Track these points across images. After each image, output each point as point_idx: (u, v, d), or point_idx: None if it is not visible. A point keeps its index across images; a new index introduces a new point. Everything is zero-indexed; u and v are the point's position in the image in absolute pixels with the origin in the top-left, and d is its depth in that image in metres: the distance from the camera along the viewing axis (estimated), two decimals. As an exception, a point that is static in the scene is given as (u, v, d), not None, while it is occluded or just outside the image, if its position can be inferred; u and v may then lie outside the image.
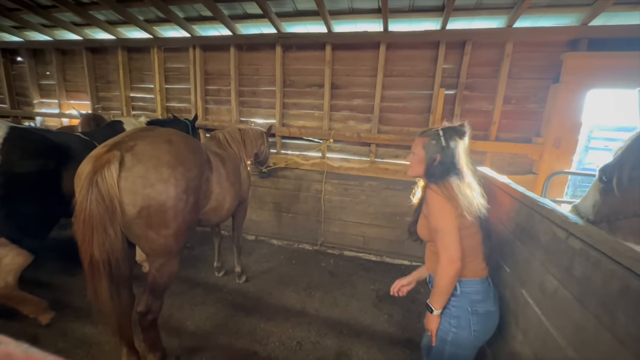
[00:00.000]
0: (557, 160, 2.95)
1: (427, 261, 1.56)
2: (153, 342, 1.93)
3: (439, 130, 1.40)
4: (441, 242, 1.29)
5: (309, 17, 3.35)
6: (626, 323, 0.82)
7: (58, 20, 3.93)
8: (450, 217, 1.28)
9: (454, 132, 1.38)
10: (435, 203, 1.32)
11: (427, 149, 1.41)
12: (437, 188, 1.33)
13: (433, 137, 1.40)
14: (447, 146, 1.36)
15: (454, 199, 1.29)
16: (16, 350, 0.23)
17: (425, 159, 1.41)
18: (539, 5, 2.77)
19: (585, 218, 1.35)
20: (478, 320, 1.34)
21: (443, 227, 1.29)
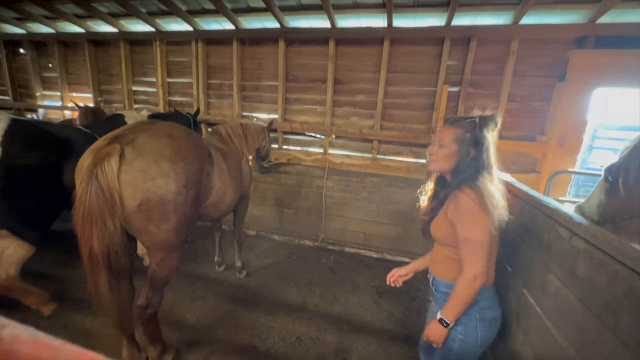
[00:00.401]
0: (561, 159, 2.92)
1: (435, 264, 1.44)
2: (153, 335, 1.94)
3: (475, 119, 1.23)
4: (470, 254, 1.19)
5: (313, 12, 3.31)
6: (629, 324, 0.81)
7: (60, 12, 3.90)
8: (485, 229, 1.16)
9: (490, 122, 1.22)
10: (470, 212, 1.17)
11: (461, 142, 1.24)
12: (471, 193, 1.18)
13: (468, 129, 1.23)
14: (483, 140, 1.21)
15: (489, 209, 1.15)
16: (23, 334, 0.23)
17: (458, 153, 1.25)
18: (545, 1, 2.72)
19: (590, 218, 1.33)
20: (484, 327, 1.28)
21: (476, 238, 1.17)
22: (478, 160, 1.22)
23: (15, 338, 0.23)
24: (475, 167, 1.22)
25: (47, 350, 0.23)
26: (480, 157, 1.22)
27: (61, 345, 0.24)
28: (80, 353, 0.24)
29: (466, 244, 1.20)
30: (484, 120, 1.23)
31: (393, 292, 3.04)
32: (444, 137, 1.29)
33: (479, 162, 1.22)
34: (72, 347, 0.24)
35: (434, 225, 1.37)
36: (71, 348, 0.24)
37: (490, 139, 1.22)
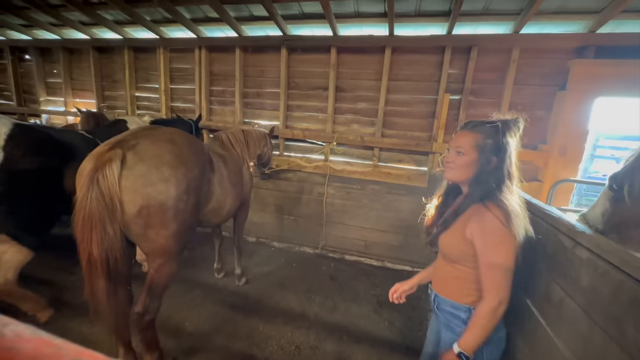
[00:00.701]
0: (562, 168, 2.91)
1: (439, 281, 1.33)
2: (150, 343, 1.91)
3: (497, 123, 1.13)
4: (494, 280, 1.08)
5: (315, 20, 3.35)
6: (635, 336, 0.79)
7: (66, 19, 3.97)
8: (512, 253, 1.07)
9: (513, 127, 1.13)
10: (499, 234, 1.07)
11: (482, 149, 1.13)
12: (498, 212, 1.07)
13: (490, 134, 1.13)
14: (506, 147, 1.11)
15: (517, 231, 1.07)
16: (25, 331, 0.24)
17: (478, 162, 1.14)
18: (546, 11, 2.75)
19: (594, 227, 1.31)
20: (492, 349, 1.21)
21: (504, 264, 1.07)
22: (500, 170, 1.12)
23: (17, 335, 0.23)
24: (497, 177, 1.11)
25: (48, 347, 0.23)
26: (502, 167, 1.11)
27: (62, 343, 0.24)
28: (81, 351, 0.24)
29: (492, 270, 1.08)
30: (507, 124, 1.13)
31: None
32: (463, 143, 1.17)
33: (501, 172, 1.12)
34: (72, 345, 0.24)
35: (446, 240, 1.24)
36: (72, 346, 0.24)
37: (513, 146, 1.13)
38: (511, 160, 1.13)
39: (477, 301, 1.15)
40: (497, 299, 1.07)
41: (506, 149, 1.11)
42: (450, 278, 1.26)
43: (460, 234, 1.16)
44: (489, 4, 2.76)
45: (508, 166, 1.12)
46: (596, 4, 2.59)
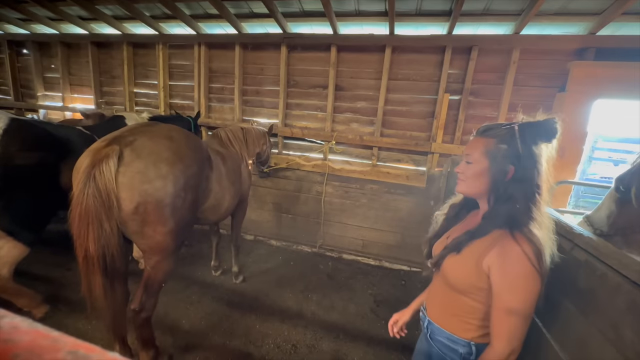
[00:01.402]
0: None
1: (436, 307, 1.16)
2: (146, 340, 1.91)
3: (514, 125, 0.95)
4: (509, 327, 0.91)
5: (315, 18, 3.34)
6: (632, 339, 0.79)
7: (65, 13, 3.93)
8: (535, 298, 0.89)
9: (539, 130, 0.93)
10: (525, 275, 0.88)
11: (493, 156, 0.96)
12: (529, 247, 0.88)
13: (504, 139, 0.95)
14: (528, 153, 0.92)
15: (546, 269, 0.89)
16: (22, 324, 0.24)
17: (490, 172, 0.97)
18: (546, 13, 2.75)
19: (599, 230, 1.29)
20: None
21: (523, 311, 0.89)
22: (523, 184, 0.92)
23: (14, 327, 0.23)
24: (521, 193, 0.92)
25: (45, 339, 0.23)
26: (525, 179, 0.92)
27: (59, 335, 0.24)
28: (79, 344, 0.24)
29: (509, 316, 0.90)
30: (527, 128, 0.93)
31: (391, 300, 3.01)
32: (473, 150, 1.00)
33: (524, 185, 0.92)
34: (70, 338, 0.24)
35: (455, 266, 1.03)
36: (69, 339, 0.24)
37: (541, 153, 0.93)
38: (539, 172, 0.91)
39: (481, 337, 1.01)
40: (509, 348, 0.90)
41: (529, 155, 0.91)
42: (450, 307, 1.08)
43: (475, 262, 0.96)
44: (489, 4, 2.76)
45: (533, 179, 0.91)
46: (597, 5, 2.60)
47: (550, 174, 0.94)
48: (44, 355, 0.22)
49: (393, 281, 3.39)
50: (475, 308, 1.01)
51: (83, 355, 0.23)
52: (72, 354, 0.22)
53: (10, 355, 0.21)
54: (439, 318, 1.13)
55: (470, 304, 1.01)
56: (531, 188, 0.92)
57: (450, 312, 1.08)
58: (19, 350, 0.21)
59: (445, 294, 1.10)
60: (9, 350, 0.21)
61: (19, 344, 0.22)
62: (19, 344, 0.22)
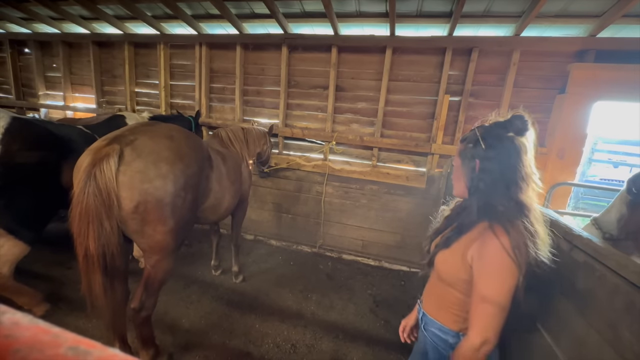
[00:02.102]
0: (560, 172, 2.92)
1: (430, 300, 1.21)
2: (146, 339, 1.91)
3: (475, 128, 1.05)
4: (484, 316, 0.94)
5: (316, 19, 3.35)
6: (631, 340, 0.80)
7: (66, 13, 3.94)
8: (510, 289, 0.92)
9: (502, 127, 1.00)
10: (498, 263, 0.92)
11: (463, 155, 1.05)
12: (506, 238, 0.92)
13: (470, 139, 1.04)
14: (493, 147, 0.99)
15: (522, 259, 0.91)
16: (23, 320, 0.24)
17: (463, 169, 1.06)
18: (547, 15, 2.76)
19: (608, 234, 1.25)
20: None
21: (496, 300, 0.92)
22: (489, 173, 0.98)
23: (15, 323, 0.23)
24: (492, 183, 0.98)
25: (46, 335, 0.23)
26: (490, 169, 0.98)
27: (60, 331, 0.24)
28: (79, 339, 0.24)
29: (483, 304, 0.94)
30: (489, 127, 1.03)
31: (390, 300, 3.02)
32: (455, 155, 1.12)
33: (492, 175, 0.98)
34: (70, 334, 0.24)
35: (443, 260, 1.10)
36: (70, 335, 0.24)
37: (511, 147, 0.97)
38: (509, 164, 0.97)
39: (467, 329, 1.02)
40: (481, 337, 0.93)
41: (492, 149, 0.98)
42: (441, 300, 1.14)
43: (461, 256, 1.02)
44: (490, 6, 2.77)
45: (502, 170, 0.97)
46: (597, 7, 2.60)
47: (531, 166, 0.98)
48: (45, 350, 0.22)
49: (392, 281, 3.39)
50: (462, 300, 1.06)
51: (84, 351, 0.23)
52: (72, 349, 0.23)
53: (11, 350, 0.21)
54: (432, 310, 1.18)
55: (458, 296, 1.07)
56: (502, 178, 0.97)
57: (442, 305, 1.14)
58: (20, 346, 0.21)
59: (437, 287, 1.16)
60: (10, 345, 0.21)
61: (19, 340, 0.22)
62: (19, 340, 0.22)
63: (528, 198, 0.98)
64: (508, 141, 0.98)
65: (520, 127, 0.98)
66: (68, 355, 0.22)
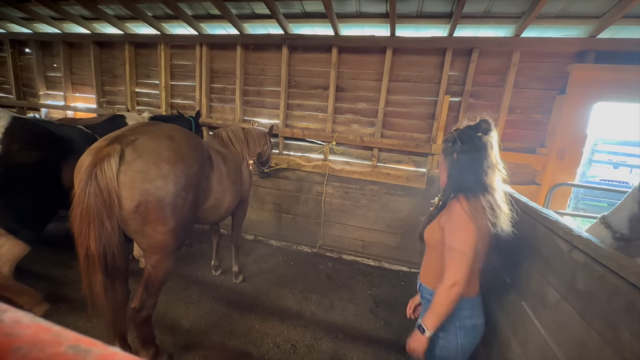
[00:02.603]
0: (560, 172, 2.92)
1: (423, 270, 1.45)
2: (146, 339, 1.91)
3: (452, 130, 1.32)
4: (452, 262, 1.19)
5: (317, 20, 3.35)
6: (630, 340, 0.80)
7: (67, 13, 3.95)
8: (471, 240, 1.16)
9: (472, 129, 1.26)
10: (459, 220, 1.19)
11: (445, 152, 1.33)
12: (465, 203, 1.20)
13: (450, 139, 1.31)
14: (466, 144, 1.24)
15: (480, 220, 1.17)
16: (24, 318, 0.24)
17: (445, 161, 1.34)
18: (547, 15, 2.76)
19: (619, 233, 1.22)
20: (464, 334, 1.30)
21: (461, 248, 1.17)
22: (463, 162, 1.24)
23: (16, 322, 0.23)
24: (464, 170, 1.24)
25: (47, 333, 0.23)
26: (464, 159, 1.24)
27: (61, 330, 0.24)
28: (80, 338, 0.24)
29: (451, 252, 1.20)
30: (462, 129, 1.29)
31: (390, 301, 3.01)
32: (440, 154, 1.41)
33: (465, 163, 1.24)
34: (71, 333, 0.24)
35: (428, 230, 1.38)
36: (71, 333, 0.24)
37: (479, 143, 1.22)
38: (478, 156, 1.22)
39: None
40: (452, 279, 1.17)
41: (467, 144, 1.24)
42: (430, 266, 1.40)
43: (438, 223, 1.31)
44: (490, 6, 2.77)
45: (473, 160, 1.22)
46: (597, 8, 2.60)
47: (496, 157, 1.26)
48: (46, 349, 0.22)
49: (392, 282, 3.39)
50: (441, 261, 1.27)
51: (84, 349, 0.23)
52: (73, 347, 0.23)
53: (12, 348, 0.21)
54: (425, 278, 1.43)
55: (440, 258, 1.28)
56: (474, 165, 1.23)
57: (431, 271, 1.38)
58: (21, 344, 0.22)
59: (428, 256, 1.42)
60: (10, 343, 0.21)
61: (20, 338, 0.22)
62: (20, 338, 0.22)
63: (493, 181, 1.23)
64: (477, 139, 1.23)
65: (486, 128, 1.25)
66: (69, 353, 0.22)
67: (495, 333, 1.57)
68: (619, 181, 6.26)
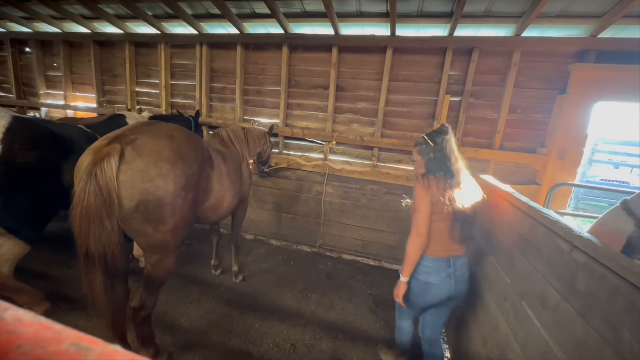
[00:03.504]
0: (561, 172, 2.92)
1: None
2: (146, 339, 1.91)
3: (424, 136, 1.78)
4: (415, 220, 1.69)
5: (317, 19, 3.35)
6: (631, 341, 0.80)
7: (67, 12, 3.95)
8: (425, 203, 1.64)
9: (437, 133, 1.74)
10: (417, 191, 1.69)
11: (421, 153, 1.77)
12: (422, 180, 1.68)
13: (423, 142, 1.77)
14: (436, 144, 1.70)
15: (431, 190, 1.64)
16: (26, 316, 0.24)
17: (423, 160, 1.77)
18: (548, 15, 2.76)
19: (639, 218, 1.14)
20: (416, 285, 1.75)
21: (418, 209, 1.67)
22: (438, 158, 1.70)
23: (18, 320, 0.23)
24: (438, 163, 1.70)
25: (49, 331, 0.23)
26: (437, 156, 1.70)
27: (62, 328, 0.24)
28: (81, 336, 0.24)
29: (414, 214, 1.70)
30: (431, 133, 1.75)
31: (390, 301, 3.01)
32: (414, 156, 1.86)
33: (438, 158, 1.70)
34: (72, 331, 0.24)
35: (412, 207, 1.81)
36: (72, 332, 0.24)
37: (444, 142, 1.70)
38: (445, 150, 1.69)
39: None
40: (416, 232, 1.68)
41: (436, 144, 1.70)
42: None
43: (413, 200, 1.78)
44: (491, 6, 2.77)
45: (442, 154, 1.69)
46: (598, 8, 2.60)
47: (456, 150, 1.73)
48: (47, 347, 0.22)
49: (392, 282, 3.38)
50: None
51: (86, 347, 0.23)
52: (74, 346, 0.23)
53: (13, 346, 0.21)
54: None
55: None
56: (443, 159, 1.69)
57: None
58: (23, 342, 0.22)
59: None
60: (12, 341, 0.21)
61: (22, 336, 0.22)
62: (22, 336, 0.22)
63: (456, 168, 1.69)
64: (443, 140, 1.70)
65: (447, 131, 1.72)
66: (70, 351, 0.22)
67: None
68: (620, 181, 6.26)
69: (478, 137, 3.35)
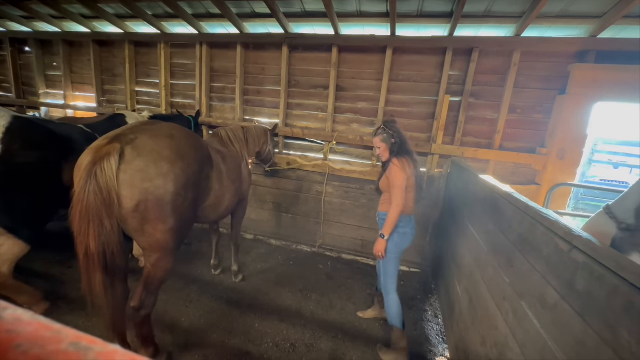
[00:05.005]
0: (560, 172, 2.92)
1: (382, 204, 2.34)
2: (145, 338, 1.91)
3: (381, 126, 2.22)
4: (395, 194, 2.11)
5: (317, 19, 3.35)
6: (629, 341, 0.80)
7: (67, 12, 3.94)
8: (402, 180, 2.09)
9: (391, 122, 2.23)
10: (395, 171, 2.11)
11: (385, 141, 2.21)
12: (397, 162, 2.12)
13: (384, 131, 2.20)
14: (394, 131, 2.18)
15: (405, 169, 2.10)
16: (24, 316, 0.24)
17: (387, 145, 2.21)
18: (548, 15, 2.76)
19: (624, 223, 1.17)
20: (397, 235, 2.20)
21: (397, 185, 2.09)
22: (398, 142, 2.18)
23: (16, 319, 0.23)
24: (400, 146, 2.18)
25: (48, 331, 0.23)
26: (398, 140, 2.18)
27: (62, 327, 0.24)
28: (80, 335, 0.24)
29: (393, 189, 2.12)
30: (386, 123, 2.23)
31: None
32: (376, 143, 2.27)
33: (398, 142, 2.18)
34: (72, 330, 0.24)
35: (381, 182, 2.30)
36: (71, 331, 0.24)
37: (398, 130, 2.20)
38: (401, 135, 2.20)
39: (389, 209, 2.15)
40: (396, 203, 2.09)
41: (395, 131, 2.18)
42: (384, 201, 2.31)
43: (386, 177, 2.22)
44: (491, 6, 2.77)
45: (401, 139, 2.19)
46: (598, 8, 2.60)
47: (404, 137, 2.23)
48: (47, 346, 0.22)
49: (392, 282, 3.38)
50: (389, 196, 2.21)
51: (85, 346, 0.23)
52: (74, 345, 0.23)
53: (12, 345, 0.21)
54: (382, 207, 2.34)
55: (388, 195, 2.23)
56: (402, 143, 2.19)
57: (385, 203, 2.30)
58: (22, 341, 0.22)
59: (383, 197, 2.34)
60: (11, 340, 0.22)
61: (21, 335, 0.22)
62: (21, 335, 0.22)
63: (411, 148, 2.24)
64: (397, 127, 2.21)
65: (395, 119, 2.26)
66: (69, 350, 0.22)
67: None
68: (619, 181, 6.27)
69: (478, 137, 3.36)
